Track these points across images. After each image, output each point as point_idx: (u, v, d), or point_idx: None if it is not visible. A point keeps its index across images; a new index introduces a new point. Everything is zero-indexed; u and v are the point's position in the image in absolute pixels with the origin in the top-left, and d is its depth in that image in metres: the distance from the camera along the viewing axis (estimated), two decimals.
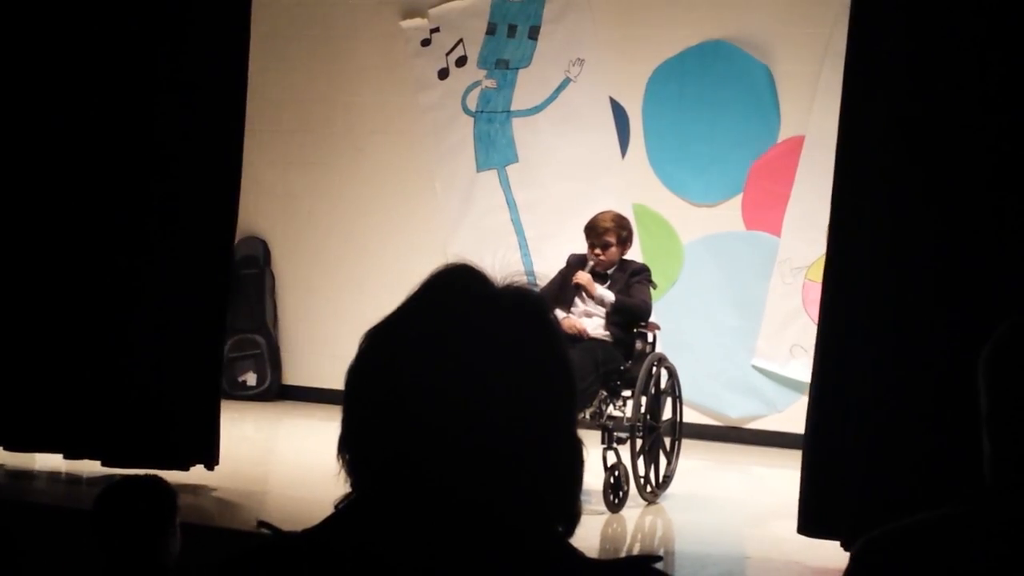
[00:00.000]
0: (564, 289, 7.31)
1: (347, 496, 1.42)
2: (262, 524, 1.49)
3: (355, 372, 1.43)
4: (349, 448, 1.42)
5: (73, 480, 6.76)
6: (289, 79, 11.10)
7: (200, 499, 6.27)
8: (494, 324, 1.40)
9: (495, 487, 1.36)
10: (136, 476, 3.54)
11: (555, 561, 1.38)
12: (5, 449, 6.65)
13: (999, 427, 1.67)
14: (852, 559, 1.65)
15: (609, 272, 7.32)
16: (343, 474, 1.42)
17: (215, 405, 6.86)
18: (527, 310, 1.43)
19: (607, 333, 7.20)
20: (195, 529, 4.16)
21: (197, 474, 6.63)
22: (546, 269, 7.81)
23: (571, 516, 1.43)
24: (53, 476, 6.82)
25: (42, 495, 6.38)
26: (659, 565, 1.44)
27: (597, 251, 7.28)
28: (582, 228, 7.50)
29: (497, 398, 1.37)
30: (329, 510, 1.43)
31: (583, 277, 7.17)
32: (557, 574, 1.37)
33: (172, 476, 6.53)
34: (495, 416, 1.36)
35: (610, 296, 7.18)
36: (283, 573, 1.40)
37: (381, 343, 1.42)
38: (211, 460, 6.71)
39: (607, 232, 7.32)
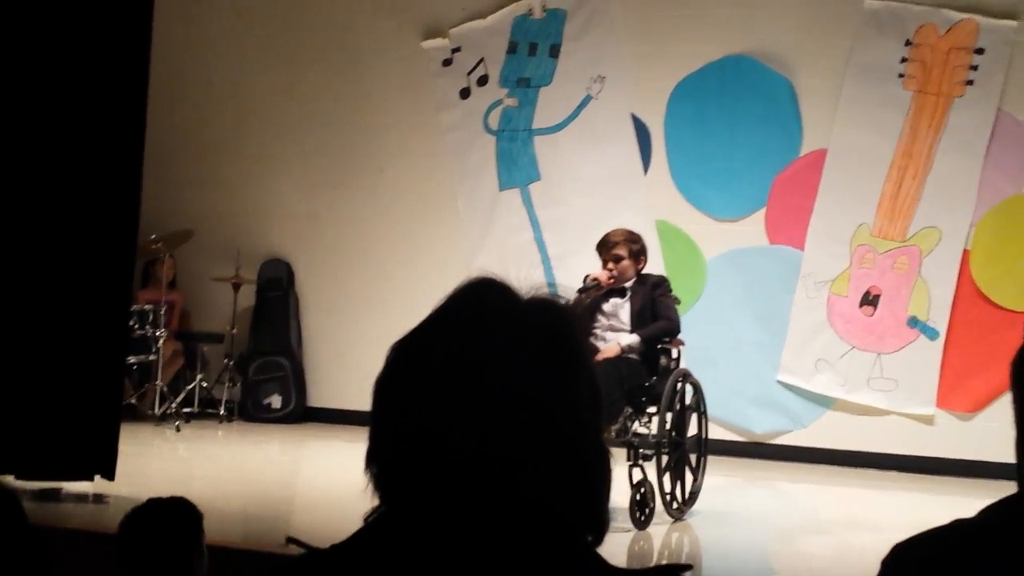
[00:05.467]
0: (583, 311, 7.29)
1: (375, 509, 1.41)
2: (291, 540, 1.48)
3: (382, 385, 1.43)
4: (377, 461, 1.41)
5: (99, 503, 6.78)
6: (311, 101, 11.14)
7: (226, 521, 6.27)
8: (519, 336, 1.40)
9: (523, 498, 1.36)
10: (161, 498, 3.53)
11: (585, 572, 1.38)
12: None
13: None
14: (882, 567, 1.64)
15: (628, 286, 7.31)
16: (371, 488, 1.41)
17: (116, 420, 6.89)
18: (552, 321, 1.43)
19: (636, 339, 7.16)
20: (222, 551, 4.15)
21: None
22: (569, 288, 7.80)
23: (599, 525, 1.42)
24: (79, 498, 6.85)
25: (68, 518, 6.39)
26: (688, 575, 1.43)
27: (610, 266, 7.29)
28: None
29: (523, 409, 1.37)
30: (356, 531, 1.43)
31: (610, 350, 7.08)
32: None
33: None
34: (521, 427, 1.36)
35: (635, 339, 7.17)
36: None
37: (408, 356, 1.42)
38: (111, 471, 6.74)
39: (617, 246, 7.33)
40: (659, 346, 7.28)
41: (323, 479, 8.37)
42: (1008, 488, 1.68)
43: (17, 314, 6.70)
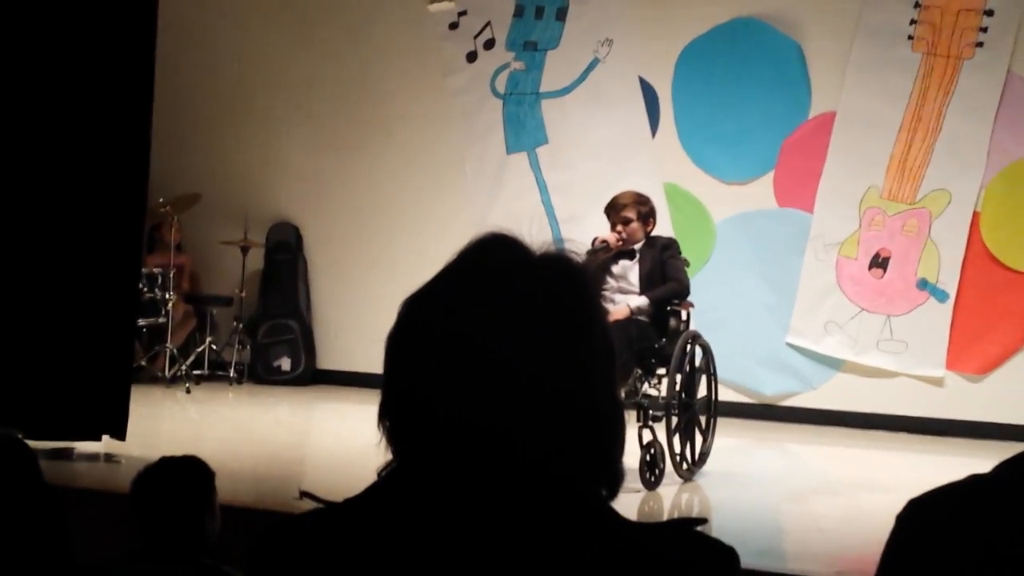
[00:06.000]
0: (593, 272, 7.28)
1: (388, 464, 1.42)
2: (305, 494, 1.49)
3: (395, 338, 1.42)
4: (390, 414, 1.41)
5: (110, 462, 6.82)
6: (318, 64, 11.11)
7: (237, 482, 6.30)
8: (532, 286, 1.39)
9: (537, 449, 1.36)
10: (173, 456, 3.55)
11: (599, 524, 1.38)
12: None
13: None
14: (897, 522, 1.63)
15: (637, 248, 7.31)
16: (384, 443, 1.41)
17: (126, 381, 6.92)
18: (565, 275, 1.42)
19: (646, 301, 7.17)
20: (233, 511, 4.17)
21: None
22: (580, 244, 7.79)
23: (614, 478, 1.42)
24: (91, 458, 6.89)
25: (80, 478, 6.42)
26: (703, 529, 1.43)
27: (619, 228, 7.28)
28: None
29: (538, 359, 1.36)
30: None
31: (620, 312, 7.07)
32: (601, 537, 1.36)
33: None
34: (535, 382, 1.36)
35: (644, 301, 7.17)
36: (327, 541, 1.40)
37: (419, 311, 1.42)
38: (122, 431, 6.78)
39: (626, 208, 7.32)
40: (668, 308, 7.27)
41: (333, 440, 8.40)
42: (1018, 449, 1.67)
43: (29, 277, 6.72)
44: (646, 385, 7.10)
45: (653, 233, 7.43)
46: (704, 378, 7.47)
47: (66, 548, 3.01)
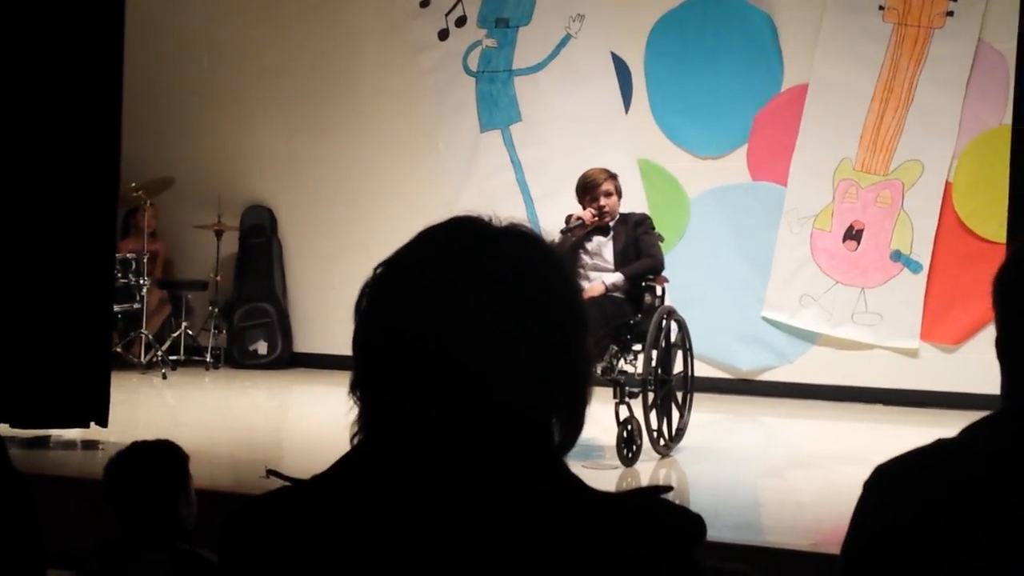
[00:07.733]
0: (567, 249, 7.27)
1: (357, 432, 1.42)
2: (272, 473, 1.49)
3: (360, 309, 1.44)
4: (360, 387, 1.42)
5: (88, 449, 6.80)
6: (288, 45, 11.06)
7: (215, 466, 6.29)
8: (495, 252, 1.41)
9: (502, 416, 1.37)
10: (146, 441, 3.54)
11: (567, 495, 1.38)
12: None
13: (1010, 349, 1.66)
14: (864, 489, 1.65)
15: (611, 225, 7.30)
16: (355, 413, 1.42)
17: (106, 367, 6.93)
18: (527, 239, 1.44)
19: (620, 277, 7.17)
20: (211, 495, 4.16)
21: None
22: (552, 227, 7.78)
23: (574, 434, 1.43)
24: (68, 446, 6.87)
25: (58, 466, 6.40)
26: (670, 496, 1.43)
27: (602, 202, 7.25)
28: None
29: (500, 321, 1.37)
30: None
31: (595, 289, 7.08)
32: (569, 507, 1.37)
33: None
34: (497, 340, 1.37)
35: (619, 277, 7.17)
36: (294, 518, 1.40)
37: (385, 277, 1.44)
38: (104, 418, 6.78)
39: (605, 183, 7.31)
40: (643, 284, 7.28)
41: (310, 423, 8.39)
42: None
43: (3, 266, 6.68)
44: (622, 361, 7.10)
45: (624, 209, 7.42)
46: (680, 353, 7.48)
47: (35, 535, 2.99)
